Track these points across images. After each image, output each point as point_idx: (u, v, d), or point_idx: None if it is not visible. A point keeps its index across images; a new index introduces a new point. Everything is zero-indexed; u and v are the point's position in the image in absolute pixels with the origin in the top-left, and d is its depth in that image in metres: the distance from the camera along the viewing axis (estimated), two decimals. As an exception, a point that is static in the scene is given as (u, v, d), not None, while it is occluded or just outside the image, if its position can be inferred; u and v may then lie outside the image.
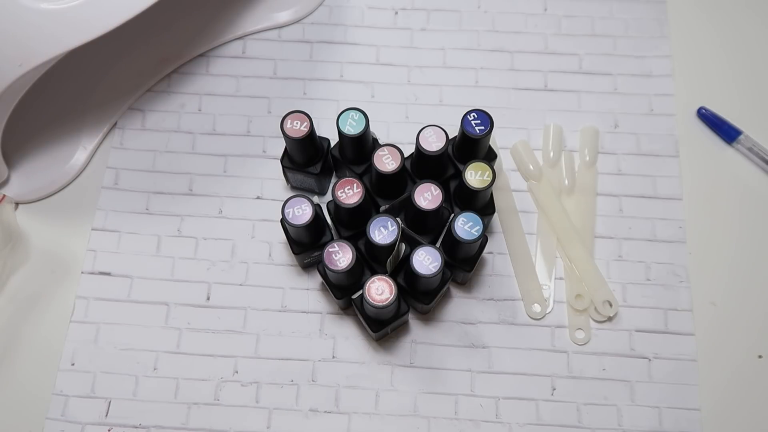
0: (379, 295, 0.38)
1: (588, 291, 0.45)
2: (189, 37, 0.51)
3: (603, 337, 0.44)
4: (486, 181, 0.40)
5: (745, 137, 0.48)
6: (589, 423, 0.42)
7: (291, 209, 0.40)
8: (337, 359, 0.44)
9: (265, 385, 0.43)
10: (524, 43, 0.52)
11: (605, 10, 0.53)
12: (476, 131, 0.41)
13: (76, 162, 0.48)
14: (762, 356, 0.44)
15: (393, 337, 0.44)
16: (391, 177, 0.41)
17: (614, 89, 0.51)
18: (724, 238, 0.47)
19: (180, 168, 0.49)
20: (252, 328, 0.44)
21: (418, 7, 0.53)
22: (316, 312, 0.45)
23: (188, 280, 0.46)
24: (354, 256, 0.39)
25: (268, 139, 0.49)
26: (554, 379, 0.43)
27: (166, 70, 0.51)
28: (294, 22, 0.52)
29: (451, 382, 0.43)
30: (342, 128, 0.41)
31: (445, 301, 0.45)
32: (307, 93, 0.51)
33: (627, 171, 0.48)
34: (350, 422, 0.42)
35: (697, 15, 0.53)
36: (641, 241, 0.46)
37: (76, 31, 0.37)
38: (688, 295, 0.45)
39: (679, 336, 0.44)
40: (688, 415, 0.42)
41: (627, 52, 0.52)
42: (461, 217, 0.39)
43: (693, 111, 0.50)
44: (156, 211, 0.47)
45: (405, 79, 0.51)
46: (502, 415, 0.42)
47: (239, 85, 0.51)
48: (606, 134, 0.49)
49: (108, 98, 0.50)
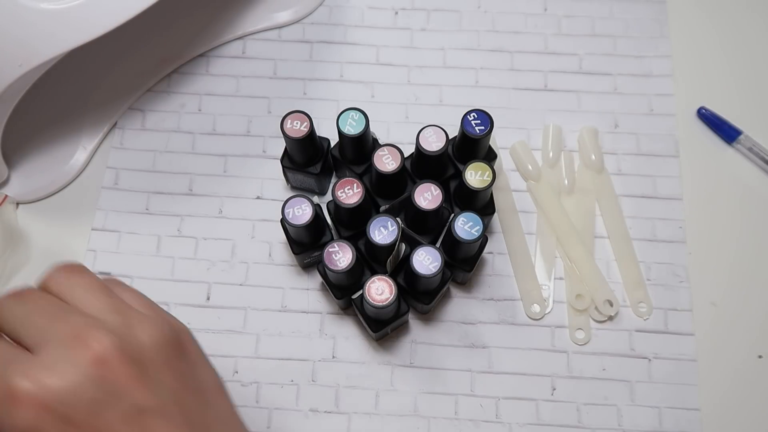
0: (379, 295, 0.38)
1: (588, 291, 0.45)
2: (189, 37, 0.51)
3: (603, 337, 0.44)
4: (486, 181, 0.40)
5: (745, 137, 0.48)
6: (589, 423, 0.42)
7: (291, 209, 0.40)
8: (337, 359, 0.44)
9: (265, 385, 0.43)
10: (524, 43, 0.52)
11: (605, 10, 0.53)
12: (476, 131, 0.41)
13: (76, 162, 0.48)
14: (762, 356, 0.44)
15: (393, 337, 0.44)
16: (391, 177, 0.41)
17: (614, 89, 0.51)
18: (724, 238, 0.47)
19: (180, 168, 0.49)
20: (252, 328, 0.44)
21: (418, 7, 0.53)
22: (316, 312, 0.45)
23: (188, 280, 0.46)
24: (354, 256, 0.39)
25: (268, 139, 0.49)
26: (554, 379, 0.43)
27: (166, 70, 0.51)
28: (294, 22, 0.52)
29: (451, 382, 0.43)
30: (342, 128, 0.41)
31: (445, 301, 0.45)
32: (307, 93, 0.51)
33: (627, 171, 0.48)
34: (350, 422, 0.42)
35: (697, 15, 0.53)
36: (641, 241, 0.46)
37: (76, 31, 0.37)
38: (688, 295, 0.45)
39: (679, 336, 0.44)
40: (688, 415, 0.42)
41: (627, 52, 0.52)
42: (461, 217, 0.39)
43: (693, 111, 0.50)
44: (156, 211, 0.47)
45: (405, 79, 0.51)
46: (502, 415, 0.42)
47: (239, 85, 0.51)
48: (606, 134, 0.49)
49: (108, 98, 0.50)
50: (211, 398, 0.33)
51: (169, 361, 0.31)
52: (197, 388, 0.32)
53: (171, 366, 0.31)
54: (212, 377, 0.34)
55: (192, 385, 0.32)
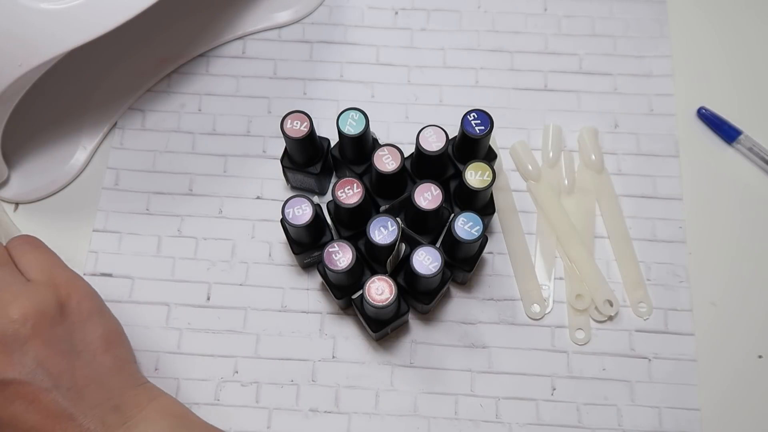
0: (379, 295, 0.38)
1: (588, 291, 0.45)
2: (189, 37, 0.51)
3: (603, 337, 0.44)
4: (486, 181, 0.40)
5: (745, 137, 0.48)
6: (589, 423, 0.42)
7: (291, 209, 0.40)
8: (337, 359, 0.44)
9: (265, 385, 0.43)
10: (524, 43, 0.52)
11: (605, 10, 0.53)
12: (476, 131, 0.41)
13: (76, 162, 0.48)
14: (762, 356, 0.44)
15: (393, 337, 0.44)
16: (391, 177, 0.41)
17: (614, 89, 0.51)
18: (724, 238, 0.47)
19: (180, 168, 0.49)
20: (252, 328, 0.44)
21: (418, 7, 0.53)
22: (316, 312, 0.45)
23: (188, 280, 0.46)
24: (354, 256, 0.39)
25: (268, 139, 0.49)
26: (554, 379, 0.43)
27: (166, 70, 0.51)
28: (294, 22, 0.52)
29: (451, 382, 0.43)
30: (342, 128, 0.41)
31: (445, 301, 0.45)
32: (307, 93, 0.51)
33: (627, 171, 0.48)
34: (350, 422, 0.42)
35: (697, 15, 0.53)
36: (641, 241, 0.46)
37: (76, 31, 0.37)
38: (688, 295, 0.45)
39: (679, 336, 0.44)
40: (688, 415, 0.42)
41: (627, 52, 0.52)
42: (461, 217, 0.39)
43: (693, 111, 0.50)
44: (156, 212, 0.47)
45: (405, 79, 0.51)
46: (502, 415, 0.42)
47: (239, 85, 0.51)
48: (606, 134, 0.49)
49: (108, 98, 0.50)
50: (91, 356, 0.36)
51: (39, 330, 0.34)
52: (72, 351, 0.35)
53: (40, 335, 0.34)
54: (97, 335, 0.37)
55: (65, 349, 0.35)
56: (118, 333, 0.39)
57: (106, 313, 0.39)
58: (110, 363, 0.36)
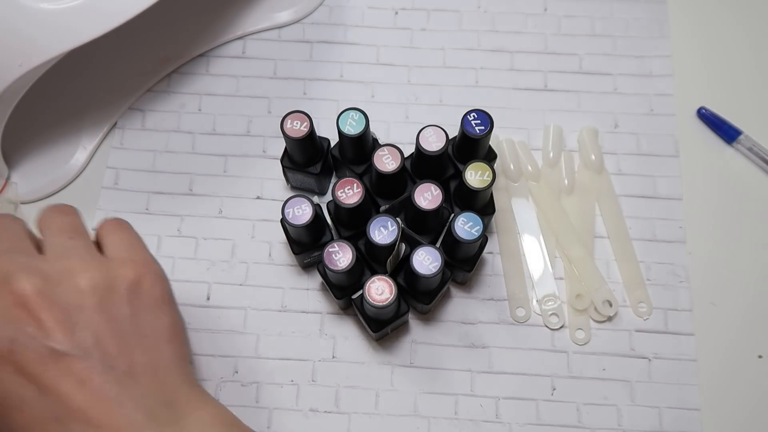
0: (379, 295, 0.38)
1: (588, 291, 0.45)
2: (189, 37, 0.52)
3: (603, 337, 0.44)
4: (486, 181, 0.40)
5: (745, 137, 0.48)
6: (589, 423, 0.42)
7: (291, 209, 0.40)
8: (337, 359, 0.44)
9: (265, 385, 0.43)
10: (524, 43, 0.52)
11: (605, 10, 0.53)
12: (476, 131, 0.41)
13: (76, 162, 0.48)
14: (762, 356, 0.44)
15: (393, 337, 0.44)
16: (391, 177, 0.41)
17: (614, 89, 0.51)
18: (724, 238, 0.47)
19: (180, 168, 0.49)
20: (252, 328, 0.44)
21: (418, 7, 0.53)
22: (316, 312, 0.45)
23: (188, 280, 0.46)
24: (354, 256, 0.39)
25: (268, 139, 0.49)
26: (554, 379, 0.43)
27: (166, 70, 0.51)
28: (294, 22, 0.52)
29: (451, 382, 0.43)
30: (342, 128, 0.41)
31: (445, 301, 0.45)
32: (307, 93, 0.51)
33: (627, 171, 0.48)
34: (350, 422, 0.42)
35: (697, 15, 0.53)
36: (641, 241, 0.46)
37: (76, 31, 0.37)
38: (688, 295, 0.45)
39: (678, 336, 0.44)
40: (688, 415, 0.42)
41: (627, 52, 0.52)
42: (461, 217, 0.39)
43: (693, 111, 0.50)
44: (156, 211, 0.47)
45: (405, 79, 0.51)
46: (502, 415, 0.42)
47: (239, 85, 0.51)
48: (606, 134, 0.49)
49: (108, 98, 0.50)
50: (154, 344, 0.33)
51: (105, 306, 0.32)
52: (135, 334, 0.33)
53: (105, 310, 0.32)
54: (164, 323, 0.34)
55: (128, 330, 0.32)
56: (183, 328, 0.36)
57: (175, 305, 0.36)
58: (171, 355, 0.34)
